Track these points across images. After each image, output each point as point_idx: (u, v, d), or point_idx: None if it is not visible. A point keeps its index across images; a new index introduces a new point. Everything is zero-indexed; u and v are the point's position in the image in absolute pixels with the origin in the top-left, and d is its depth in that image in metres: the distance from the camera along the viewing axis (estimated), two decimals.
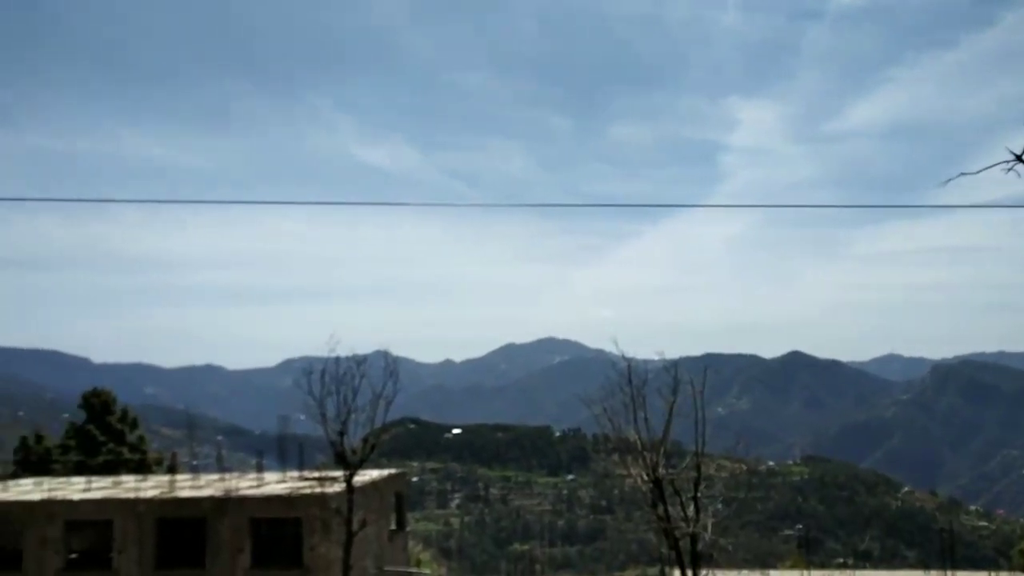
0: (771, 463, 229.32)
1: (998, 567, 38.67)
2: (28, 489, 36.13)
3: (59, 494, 33.57)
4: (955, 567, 28.02)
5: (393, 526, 38.19)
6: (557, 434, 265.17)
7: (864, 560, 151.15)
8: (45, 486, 35.68)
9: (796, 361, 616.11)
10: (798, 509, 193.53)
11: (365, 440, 28.59)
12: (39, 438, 52.13)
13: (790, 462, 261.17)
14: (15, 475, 45.24)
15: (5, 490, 36.43)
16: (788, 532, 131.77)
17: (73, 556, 32.18)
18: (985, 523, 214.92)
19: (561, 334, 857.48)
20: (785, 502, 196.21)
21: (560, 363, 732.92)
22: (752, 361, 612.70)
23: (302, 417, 30.74)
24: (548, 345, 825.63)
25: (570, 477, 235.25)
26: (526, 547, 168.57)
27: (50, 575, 31.39)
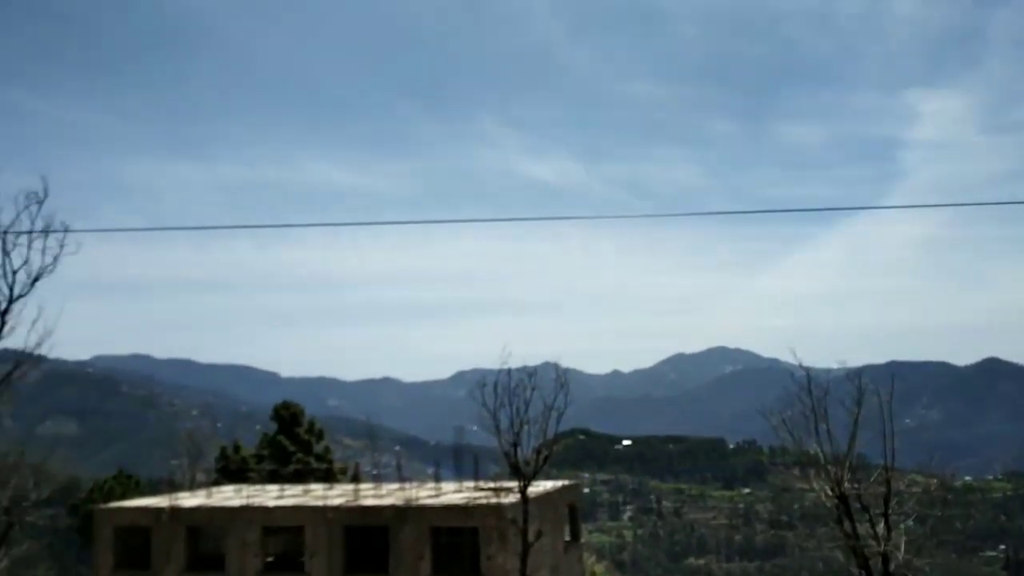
0: (968, 478, 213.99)
1: None
2: (229, 496, 38.73)
3: (256, 501, 35.79)
4: None
5: (567, 537, 38.21)
6: (731, 446, 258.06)
7: None
8: (243, 493, 38.13)
9: (993, 368, 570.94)
10: (1001, 528, 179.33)
11: (538, 451, 28.82)
12: (236, 448, 55.84)
13: (990, 477, 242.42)
14: (216, 482, 48.62)
15: (209, 496, 39.25)
16: (991, 553, 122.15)
17: (269, 559, 34.20)
18: None
19: (732, 343, 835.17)
20: (986, 521, 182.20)
21: (732, 373, 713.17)
22: (943, 369, 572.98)
23: (475, 428, 31.39)
24: (718, 354, 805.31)
25: (746, 490, 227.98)
26: (702, 562, 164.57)
27: None
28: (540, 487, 34.07)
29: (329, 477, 46.34)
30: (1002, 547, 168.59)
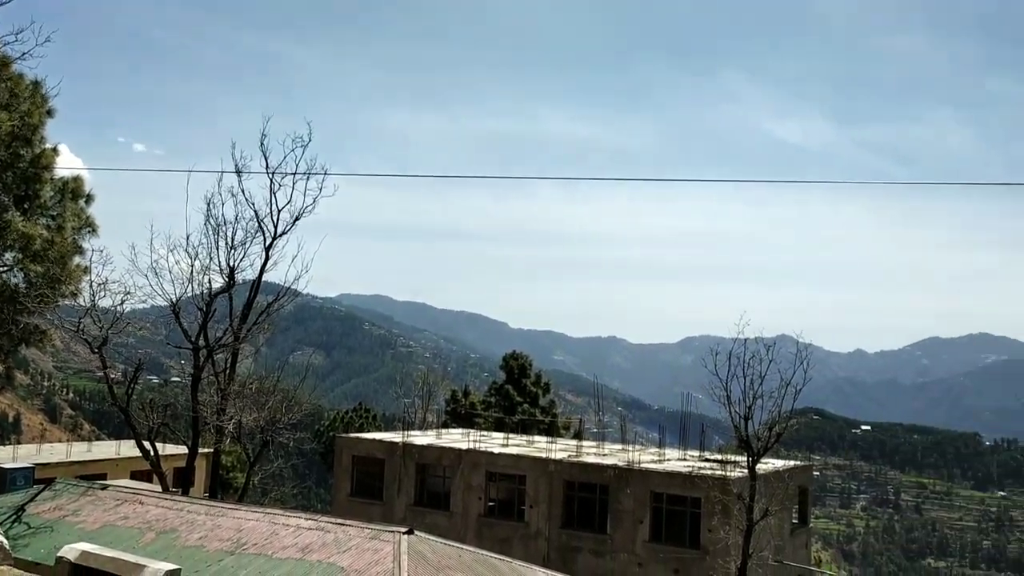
0: None
1: None
2: (456, 438, 40.13)
3: (482, 446, 36.75)
4: None
5: (795, 520, 36.30)
6: (987, 443, 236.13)
7: None
8: (470, 437, 39.33)
9: None
10: None
11: (770, 427, 27.20)
12: (466, 393, 57.97)
13: None
14: (445, 424, 50.68)
15: (438, 437, 40.88)
16: None
17: (491, 504, 35.06)
18: None
19: (997, 330, 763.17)
20: None
21: (995, 363, 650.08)
22: None
23: (700, 396, 30.19)
24: (981, 341, 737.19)
25: (1001, 493, 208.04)
26: (942, 564, 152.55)
27: (473, 518, 34.51)
28: (769, 464, 32.41)
29: (552, 431, 46.86)
30: None
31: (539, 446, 38.54)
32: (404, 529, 18.36)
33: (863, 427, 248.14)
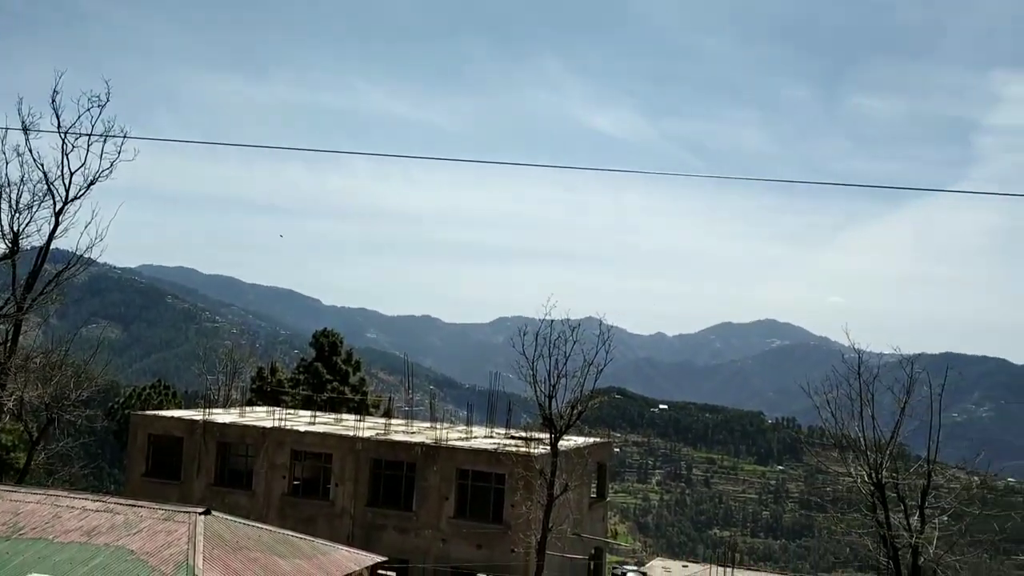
0: (1012, 480, 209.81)
1: None
2: (261, 416, 39.12)
3: (288, 424, 36.05)
4: None
5: (593, 494, 38.01)
6: (769, 421, 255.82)
7: None
8: (276, 415, 38.47)
9: None
10: None
11: (573, 405, 28.36)
12: (273, 370, 56.48)
13: None
14: (250, 402, 49.23)
15: (242, 415, 39.68)
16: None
17: (296, 483, 34.51)
18: None
19: (783, 317, 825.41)
20: None
21: (779, 347, 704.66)
22: (1000, 366, 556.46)
23: (511, 376, 31.03)
24: (768, 327, 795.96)
25: (779, 468, 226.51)
26: (727, 534, 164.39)
27: (276, 497, 33.83)
28: (571, 441, 33.75)
29: (362, 409, 46.57)
30: None
31: (347, 424, 38.25)
32: (200, 510, 17.80)
33: (661, 406, 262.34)
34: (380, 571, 28.62)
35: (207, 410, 39.01)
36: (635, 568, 25.81)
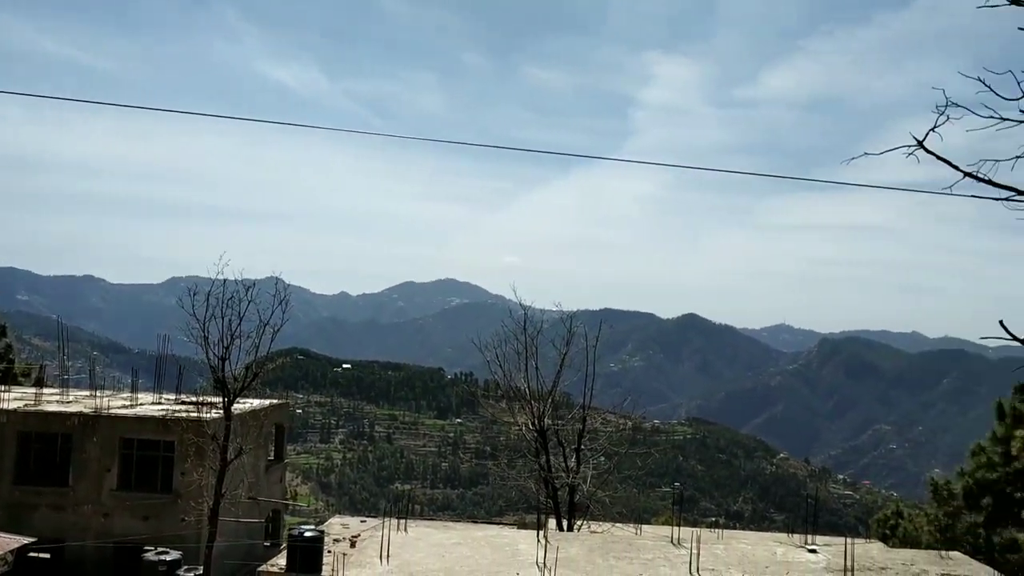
0: (657, 422, 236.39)
1: (857, 534, 40.70)
2: None
3: None
4: (817, 532, 29.21)
5: (271, 457, 37.40)
6: (449, 377, 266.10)
7: (735, 520, 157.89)
8: None
9: (691, 324, 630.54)
10: (678, 468, 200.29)
11: (248, 368, 27.50)
12: None
13: (675, 422, 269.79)
14: None
15: None
16: (665, 489, 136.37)
17: None
18: (851, 492, 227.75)
19: (462, 276, 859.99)
20: (666, 461, 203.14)
21: (459, 305, 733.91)
22: (649, 320, 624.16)
23: (184, 339, 29.42)
24: (448, 286, 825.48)
25: (458, 421, 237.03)
26: (407, 487, 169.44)
27: None
28: (247, 404, 32.81)
29: (8, 379, 41.81)
30: (676, 484, 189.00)
31: None
32: None
33: (344, 365, 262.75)
34: (32, 554, 26.11)
35: None
36: (312, 527, 25.81)
